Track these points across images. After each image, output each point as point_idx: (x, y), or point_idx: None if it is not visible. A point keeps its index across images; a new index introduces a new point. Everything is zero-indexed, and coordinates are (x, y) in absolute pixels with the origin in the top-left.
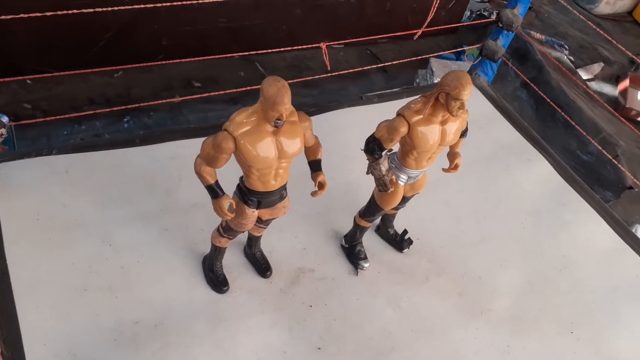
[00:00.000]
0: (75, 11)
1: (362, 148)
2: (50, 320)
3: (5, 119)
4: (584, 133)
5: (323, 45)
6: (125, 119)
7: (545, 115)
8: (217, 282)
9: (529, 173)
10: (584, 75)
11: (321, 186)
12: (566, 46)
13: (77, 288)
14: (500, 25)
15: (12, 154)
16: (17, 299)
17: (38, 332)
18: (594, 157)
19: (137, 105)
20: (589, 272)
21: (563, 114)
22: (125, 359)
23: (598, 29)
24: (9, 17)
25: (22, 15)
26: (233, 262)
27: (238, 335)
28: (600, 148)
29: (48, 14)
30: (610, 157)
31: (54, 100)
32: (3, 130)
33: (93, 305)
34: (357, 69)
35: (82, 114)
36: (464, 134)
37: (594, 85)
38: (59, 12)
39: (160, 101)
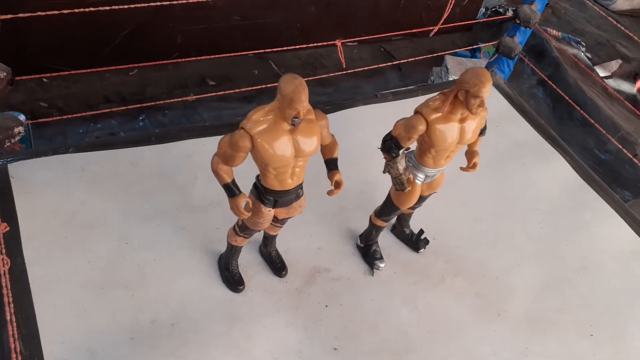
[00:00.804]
0: (91, 9)
1: (379, 146)
2: (67, 318)
3: (22, 118)
4: (603, 131)
5: (338, 42)
6: (141, 117)
7: (562, 114)
8: (233, 281)
9: (547, 172)
10: (601, 72)
11: (337, 185)
12: (583, 43)
13: (94, 286)
14: (518, 21)
15: (29, 152)
16: (34, 296)
17: (56, 330)
18: (613, 155)
19: (152, 103)
20: (608, 273)
21: (581, 111)
22: (142, 358)
23: (616, 25)
24: (26, 15)
25: (39, 13)
26: (249, 261)
27: (254, 335)
28: (620, 146)
29: (65, 11)
30: (630, 156)
31: (70, 99)
32: (20, 129)
33: (110, 303)
34: (372, 67)
35: (98, 112)
36: (482, 132)
37: (612, 82)
38: (76, 10)
39: (175, 99)
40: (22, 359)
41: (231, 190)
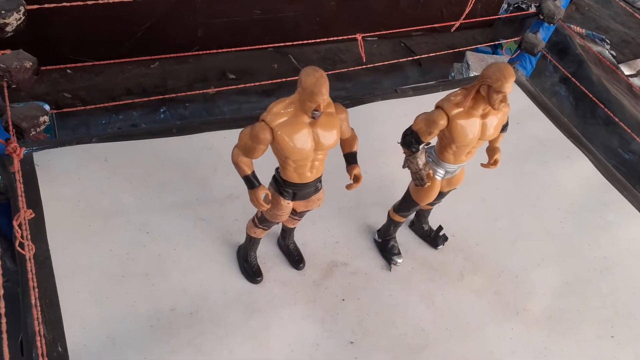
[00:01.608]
0: (114, 0)
1: (399, 141)
2: (89, 304)
3: (47, 107)
4: (628, 130)
5: (359, 36)
6: (162, 110)
7: (585, 112)
8: (252, 272)
9: (569, 170)
10: (626, 70)
11: (356, 179)
12: (607, 40)
13: (115, 274)
14: (541, 17)
15: (54, 141)
16: (58, 283)
17: (78, 316)
18: (637, 155)
19: (173, 95)
20: (631, 274)
21: (605, 109)
22: (161, 346)
23: None
24: (51, 5)
25: (64, 4)
26: (267, 253)
27: (271, 326)
28: None
29: (89, 2)
30: None
31: (93, 90)
32: (45, 118)
33: (130, 291)
34: (392, 61)
35: (120, 102)
36: (504, 128)
37: (637, 81)
38: (99, 1)
39: (196, 92)
40: (46, 342)
41: (251, 182)
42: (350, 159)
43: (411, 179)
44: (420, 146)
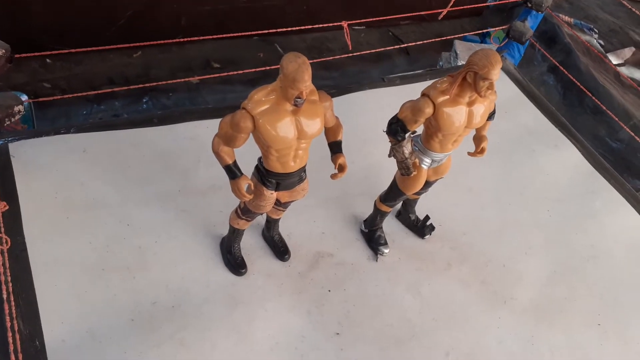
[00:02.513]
0: None
1: (385, 129)
2: (68, 298)
3: (24, 97)
4: (616, 119)
5: (345, 23)
6: (144, 100)
7: (573, 101)
8: (235, 264)
9: (556, 159)
10: (614, 60)
11: (341, 169)
12: (596, 30)
13: (95, 267)
14: (529, 5)
15: (31, 132)
16: (35, 277)
17: (56, 310)
18: (624, 144)
19: (155, 84)
20: (617, 262)
21: (594, 98)
22: (142, 340)
23: (630, 12)
24: None
25: None
26: (251, 245)
27: (256, 319)
28: (633, 134)
29: None
30: None
31: (73, 80)
32: (20, 107)
33: (111, 285)
34: (379, 49)
35: (101, 91)
36: (491, 116)
37: (625, 70)
38: None
39: (179, 80)
40: (22, 337)
41: (232, 171)
42: (335, 148)
43: (397, 169)
44: (406, 135)
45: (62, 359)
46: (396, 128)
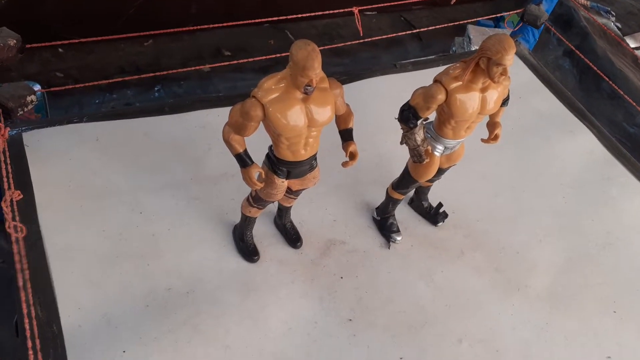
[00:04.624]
0: None
1: (396, 117)
2: (84, 285)
3: (37, 87)
4: (633, 103)
5: (355, 9)
6: (156, 88)
7: (589, 85)
8: (248, 251)
9: (572, 145)
10: (631, 43)
11: (352, 156)
12: (613, 12)
13: (108, 255)
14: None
15: (44, 121)
16: (51, 264)
17: (72, 296)
18: None
19: (167, 72)
20: (634, 249)
21: (610, 82)
22: (157, 325)
23: None
24: None
25: None
26: (263, 232)
27: (268, 305)
28: None
29: None
30: None
31: (85, 70)
32: (33, 97)
33: (125, 272)
34: (391, 35)
35: (112, 80)
36: (505, 102)
37: None
38: None
39: (190, 68)
40: (40, 323)
41: (243, 160)
42: (346, 135)
43: (409, 156)
44: (418, 122)
45: (78, 343)
46: (408, 115)
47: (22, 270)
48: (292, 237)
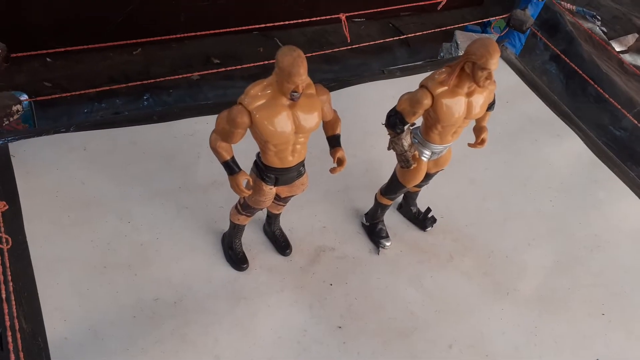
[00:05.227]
0: None
1: (383, 122)
2: (70, 296)
3: (24, 97)
4: (619, 107)
5: (342, 16)
6: (145, 97)
7: (575, 90)
8: (237, 259)
9: (559, 149)
10: (617, 47)
11: (340, 162)
12: (598, 17)
13: (96, 265)
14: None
15: (31, 131)
16: (37, 275)
17: (58, 308)
18: (628, 132)
19: (155, 80)
20: (621, 252)
21: (596, 86)
22: (145, 336)
23: None
24: None
25: None
26: (253, 240)
27: (258, 314)
28: (636, 122)
29: None
30: None
31: (74, 79)
32: (18, 107)
33: (112, 282)
34: (379, 41)
35: (101, 89)
36: (491, 106)
37: (628, 57)
38: None
39: (179, 76)
40: (25, 336)
41: (230, 167)
42: (334, 141)
43: (397, 161)
44: (405, 127)
45: (64, 356)
46: (395, 120)
47: (7, 281)
48: (282, 245)
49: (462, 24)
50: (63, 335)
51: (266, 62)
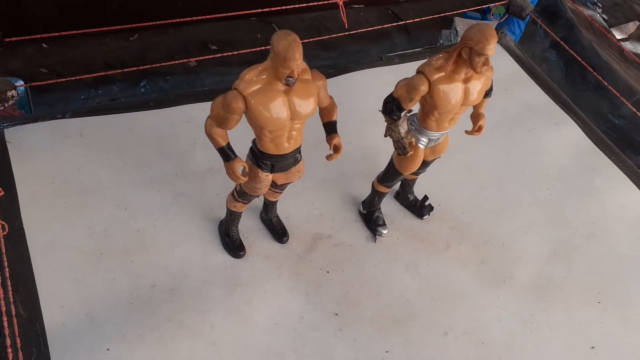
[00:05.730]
0: None
1: (380, 109)
2: (67, 282)
3: (19, 83)
4: (618, 95)
5: (340, 1)
6: (142, 83)
7: (575, 77)
8: (234, 247)
9: (557, 137)
10: (617, 34)
11: (336, 149)
12: (599, 4)
13: (93, 252)
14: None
15: (26, 117)
16: (33, 261)
17: (55, 295)
18: (627, 120)
19: (152, 65)
20: (618, 240)
21: (596, 74)
22: (141, 322)
23: None
24: None
25: None
26: (249, 227)
27: (254, 301)
28: (635, 110)
29: None
30: None
31: (70, 65)
32: (13, 92)
33: (109, 268)
34: (377, 27)
35: (97, 74)
36: (488, 93)
37: (629, 45)
38: None
39: (175, 62)
40: (22, 321)
41: (226, 154)
42: (330, 128)
43: (394, 149)
44: (402, 114)
45: (62, 342)
46: (391, 107)
47: (3, 267)
48: (279, 232)
49: (461, 10)
50: (60, 321)
51: (264, 48)
